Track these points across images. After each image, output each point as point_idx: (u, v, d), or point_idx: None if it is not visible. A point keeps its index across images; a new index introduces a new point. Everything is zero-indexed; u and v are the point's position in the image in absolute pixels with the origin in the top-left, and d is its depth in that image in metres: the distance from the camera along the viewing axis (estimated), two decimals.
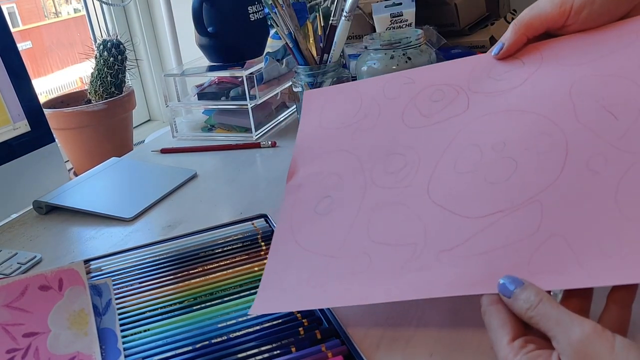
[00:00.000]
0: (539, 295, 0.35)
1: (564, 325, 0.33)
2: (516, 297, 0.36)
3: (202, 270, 0.55)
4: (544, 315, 0.34)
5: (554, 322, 0.34)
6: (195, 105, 1.02)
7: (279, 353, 0.43)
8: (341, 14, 0.83)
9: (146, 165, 0.89)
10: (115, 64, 1.23)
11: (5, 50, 0.77)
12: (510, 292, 0.37)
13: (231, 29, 0.99)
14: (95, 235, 0.69)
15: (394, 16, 1.00)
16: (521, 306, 0.36)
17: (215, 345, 0.45)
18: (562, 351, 0.33)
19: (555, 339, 0.33)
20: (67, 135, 1.23)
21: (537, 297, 0.35)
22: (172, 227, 0.69)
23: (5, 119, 0.76)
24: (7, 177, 0.76)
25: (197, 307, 0.50)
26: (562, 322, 0.33)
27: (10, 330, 0.47)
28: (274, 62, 1.02)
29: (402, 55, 0.80)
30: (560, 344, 0.33)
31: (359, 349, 0.43)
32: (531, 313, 0.35)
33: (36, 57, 1.51)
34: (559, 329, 0.33)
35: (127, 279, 0.55)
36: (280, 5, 0.83)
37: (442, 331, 0.45)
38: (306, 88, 0.88)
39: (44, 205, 0.76)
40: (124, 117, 1.29)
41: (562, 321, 0.33)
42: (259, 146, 0.92)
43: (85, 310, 0.49)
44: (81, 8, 1.61)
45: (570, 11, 0.47)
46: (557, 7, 0.47)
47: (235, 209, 0.72)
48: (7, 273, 0.61)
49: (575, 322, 0.33)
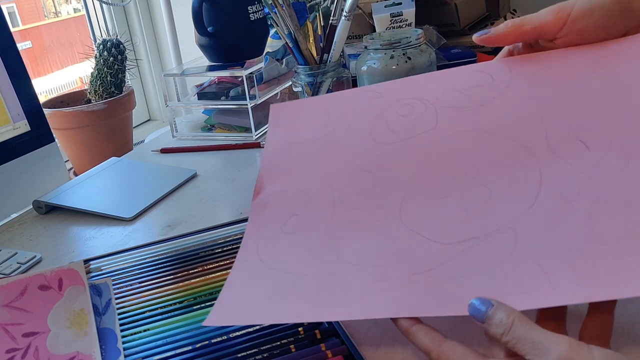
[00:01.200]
0: (511, 316, 0.35)
1: (540, 347, 0.33)
2: (489, 320, 0.36)
3: (202, 270, 0.55)
4: (519, 338, 0.34)
5: (530, 345, 0.33)
6: (195, 105, 1.02)
7: (279, 353, 0.43)
8: (341, 13, 0.83)
9: (146, 165, 0.89)
10: (115, 63, 1.23)
11: (5, 50, 0.77)
12: (482, 313, 0.36)
13: (231, 28, 0.99)
14: (95, 235, 0.69)
15: (394, 16, 1.00)
16: (495, 331, 0.35)
17: (215, 345, 0.45)
18: None
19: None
20: (67, 135, 1.23)
21: (509, 318, 0.35)
22: (172, 227, 0.69)
23: (5, 119, 0.76)
24: (7, 177, 0.76)
25: (197, 307, 0.50)
26: (537, 345, 0.33)
27: (10, 330, 0.47)
28: (274, 62, 1.02)
29: (402, 55, 0.80)
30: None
31: (359, 349, 0.43)
32: (506, 338, 0.34)
33: (36, 57, 1.51)
34: (536, 351, 0.33)
35: (126, 278, 0.55)
36: (280, 5, 0.83)
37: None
38: (306, 88, 0.88)
39: (43, 205, 0.76)
40: (124, 117, 1.28)
41: (537, 343, 0.33)
42: (259, 146, 0.92)
43: (85, 310, 0.49)
44: (81, 8, 1.61)
45: (567, 20, 0.45)
46: (554, 14, 0.45)
47: (235, 209, 0.72)
48: (6, 273, 0.61)
49: (550, 342, 0.33)
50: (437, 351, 0.37)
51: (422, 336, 0.38)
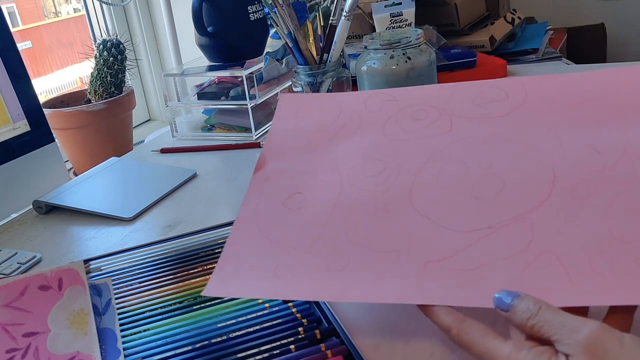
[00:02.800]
0: (538, 303, 0.35)
1: (569, 326, 0.33)
2: (514, 308, 0.36)
3: (202, 270, 0.55)
4: (546, 321, 0.34)
5: (557, 325, 0.33)
6: (195, 105, 1.02)
7: (279, 353, 0.43)
8: (341, 13, 0.83)
9: (146, 165, 0.89)
10: (115, 63, 1.23)
11: (5, 50, 0.77)
12: (507, 305, 0.36)
13: (231, 28, 0.99)
14: (95, 235, 0.69)
15: (394, 16, 1.00)
16: (521, 316, 0.35)
17: (215, 345, 0.45)
18: (571, 351, 0.32)
19: (560, 342, 0.33)
20: (67, 135, 1.23)
21: (536, 305, 0.35)
22: (171, 227, 0.69)
23: (5, 119, 0.76)
24: (7, 177, 0.76)
25: (197, 307, 0.50)
26: (566, 324, 0.33)
27: (10, 330, 0.47)
28: (274, 62, 1.02)
29: (402, 55, 0.80)
30: (567, 345, 0.32)
31: (358, 349, 0.43)
32: (532, 321, 0.34)
33: (36, 57, 1.51)
34: (564, 330, 0.33)
35: (126, 278, 0.55)
36: (280, 5, 0.83)
37: None
38: (306, 88, 0.88)
39: (43, 205, 0.76)
40: (124, 117, 1.28)
41: (566, 323, 0.33)
42: (259, 146, 0.92)
43: (85, 310, 0.49)
44: (81, 8, 1.61)
45: None
46: None
47: (235, 209, 0.72)
48: (6, 273, 0.61)
49: (580, 322, 0.33)
50: (458, 328, 0.37)
51: (443, 315, 0.38)
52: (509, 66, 1.11)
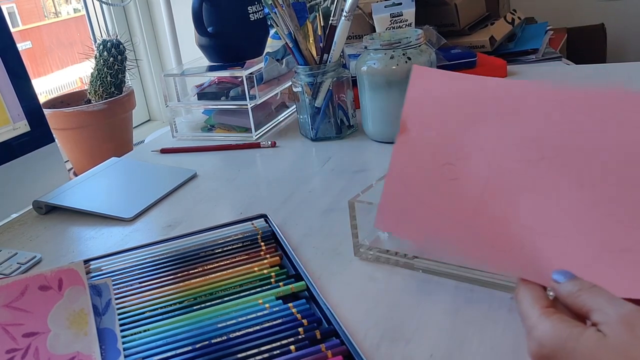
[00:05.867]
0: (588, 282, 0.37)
1: (615, 301, 0.34)
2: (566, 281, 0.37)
3: (202, 270, 0.55)
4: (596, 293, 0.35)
5: (605, 299, 0.35)
6: (195, 105, 1.02)
7: (279, 353, 0.43)
8: (341, 14, 0.83)
9: (146, 165, 0.89)
10: (115, 64, 1.23)
11: (5, 50, 0.77)
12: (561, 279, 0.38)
13: (231, 29, 0.99)
14: (95, 235, 0.69)
15: (394, 16, 1.00)
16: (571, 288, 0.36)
17: (215, 345, 0.45)
18: (606, 320, 0.33)
19: (601, 311, 0.34)
20: (67, 135, 1.23)
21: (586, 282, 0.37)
22: (172, 227, 0.69)
23: (5, 119, 0.76)
24: (7, 177, 0.76)
25: (197, 307, 0.50)
26: (613, 300, 0.35)
27: (10, 330, 0.47)
28: (274, 62, 1.02)
29: (402, 55, 0.80)
30: (606, 314, 0.34)
31: (358, 349, 0.43)
32: (580, 292, 0.36)
33: (36, 57, 1.51)
34: (608, 303, 0.34)
35: (127, 279, 0.55)
36: (280, 5, 0.83)
37: (442, 331, 0.45)
38: (306, 88, 0.88)
39: (43, 205, 0.76)
40: (124, 117, 1.28)
41: (613, 299, 0.35)
42: (259, 146, 0.92)
43: (85, 310, 0.49)
44: (81, 8, 1.61)
45: None
46: None
47: (235, 209, 0.72)
48: (6, 273, 0.61)
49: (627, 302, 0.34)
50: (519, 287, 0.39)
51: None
52: (509, 66, 1.11)
